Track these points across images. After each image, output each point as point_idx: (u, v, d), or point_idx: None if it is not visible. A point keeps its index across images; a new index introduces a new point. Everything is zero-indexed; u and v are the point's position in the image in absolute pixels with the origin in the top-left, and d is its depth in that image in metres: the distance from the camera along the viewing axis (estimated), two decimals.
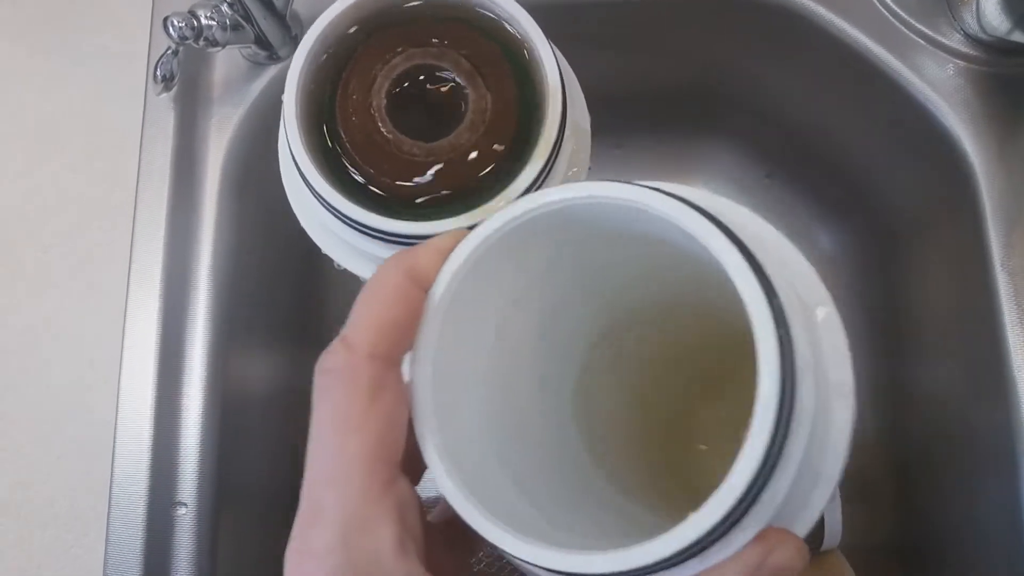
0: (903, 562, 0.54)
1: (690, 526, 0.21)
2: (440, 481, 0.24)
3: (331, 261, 0.37)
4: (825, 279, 0.26)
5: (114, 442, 0.46)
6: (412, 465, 0.25)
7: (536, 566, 0.22)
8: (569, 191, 0.25)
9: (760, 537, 0.22)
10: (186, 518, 0.46)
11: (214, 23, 0.44)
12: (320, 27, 0.34)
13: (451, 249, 0.26)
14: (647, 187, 0.24)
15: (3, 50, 0.54)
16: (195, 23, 0.43)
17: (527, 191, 0.32)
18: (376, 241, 0.33)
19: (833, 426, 0.24)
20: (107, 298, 0.48)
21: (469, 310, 0.26)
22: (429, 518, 0.26)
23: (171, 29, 0.42)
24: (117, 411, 0.46)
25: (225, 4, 0.44)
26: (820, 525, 0.52)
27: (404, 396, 0.24)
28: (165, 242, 0.48)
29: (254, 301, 0.54)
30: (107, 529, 0.45)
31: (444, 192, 0.33)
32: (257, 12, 0.45)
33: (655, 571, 0.21)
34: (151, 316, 0.47)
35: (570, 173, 0.35)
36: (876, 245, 0.59)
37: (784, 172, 0.65)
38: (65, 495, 0.46)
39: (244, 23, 0.45)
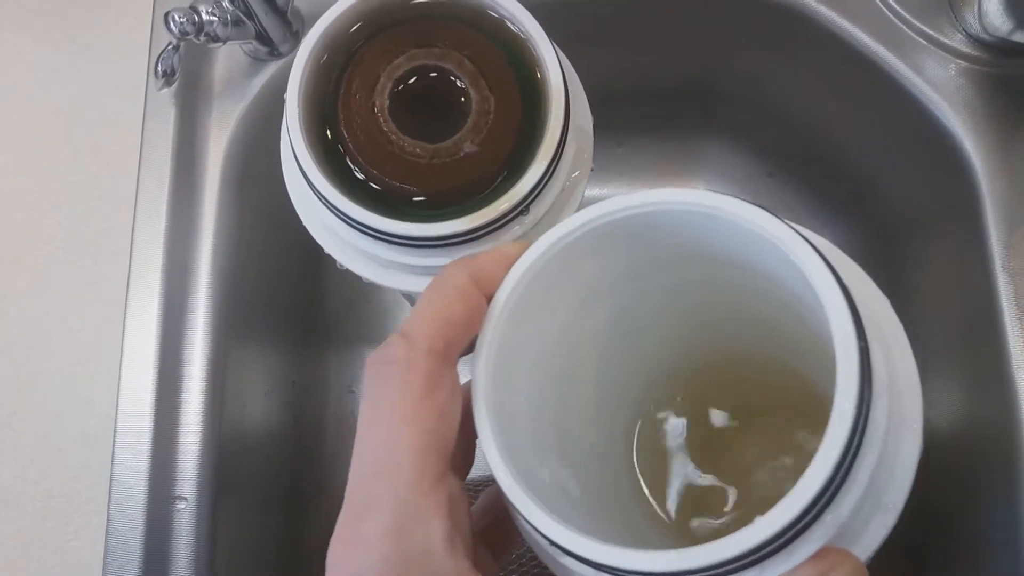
0: (906, 559, 0.54)
1: (756, 529, 0.20)
2: (501, 478, 0.23)
3: (332, 258, 0.37)
4: None
5: (114, 435, 0.46)
6: (458, 463, 0.25)
7: (596, 564, 0.22)
8: (639, 199, 0.25)
9: (820, 554, 0.21)
10: (185, 512, 0.46)
11: (215, 19, 0.44)
12: (323, 26, 0.34)
13: (517, 256, 0.26)
14: (722, 194, 0.24)
15: (6, 43, 0.54)
16: (196, 18, 0.43)
17: (530, 193, 0.32)
18: (378, 242, 0.33)
19: (900, 456, 0.24)
20: (108, 291, 0.48)
21: (532, 314, 0.26)
22: None
23: (172, 24, 0.42)
24: (117, 405, 0.46)
25: (226, 0, 0.44)
26: None
27: (458, 393, 0.25)
28: (165, 238, 0.48)
29: (254, 296, 0.54)
30: (107, 522, 0.45)
31: (447, 193, 0.33)
32: (258, 8, 0.45)
33: (715, 575, 0.21)
34: (151, 310, 0.47)
35: (573, 175, 0.35)
36: (877, 245, 0.60)
37: (785, 171, 0.65)
38: (65, 488, 0.46)
39: (245, 19, 0.45)
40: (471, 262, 0.26)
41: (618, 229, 0.26)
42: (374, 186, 0.33)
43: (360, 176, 0.33)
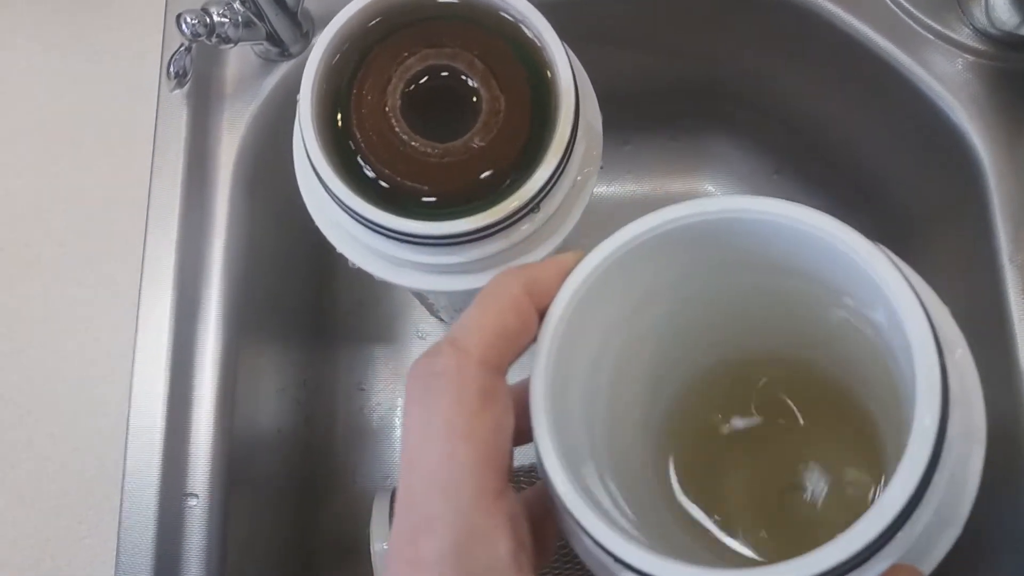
0: None
1: (836, 548, 0.20)
2: (564, 493, 0.23)
3: (344, 257, 0.37)
4: None
5: (127, 434, 0.46)
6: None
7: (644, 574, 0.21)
8: (699, 206, 0.25)
9: (891, 572, 0.21)
10: (197, 509, 0.46)
11: (226, 20, 0.44)
12: (335, 27, 0.34)
13: (572, 267, 0.25)
14: (790, 202, 0.24)
15: (18, 46, 0.54)
16: (208, 20, 0.43)
17: (540, 191, 0.33)
18: (390, 240, 0.33)
19: (969, 469, 0.23)
20: (121, 292, 0.49)
21: (588, 323, 0.26)
22: None
23: (184, 26, 0.43)
24: (130, 404, 0.46)
25: (237, 1, 0.45)
26: None
27: (511, 406, 0.24)
28: (178, 237, 0.48)
29: (266, 295, 0.54)
30: (119, 520, 0.45)
31: (458, 192, 0.33)
32: (269, 9, 0.45)
33: None
34: (164, 310, 0.48)
35: (583, 173, 0.35)
36: (884, 240, 0.59)
37: (792, 169, 0.65)
38: (78, 486, 0.47)
39: (256, 20, 0.46)
40: (525, 272, 0.25)
41: (677, 236, 0.25)
42: (385, 185, 0.33)
43: (372, 175, 0.33)
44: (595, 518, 0.22)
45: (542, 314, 0.25)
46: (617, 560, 0.22)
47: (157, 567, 0.45)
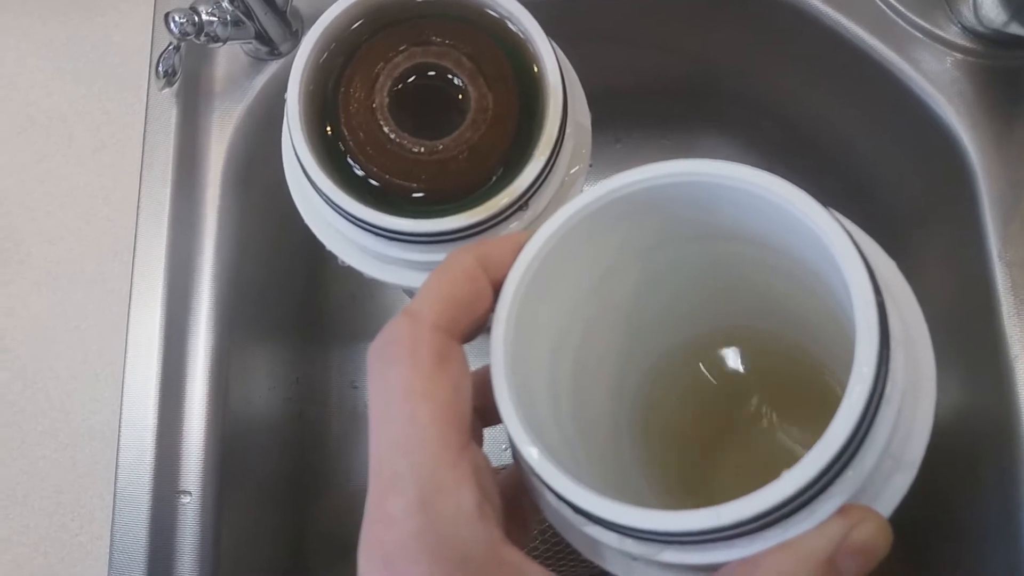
0: (903, 545, 0.55)
1: (780, 485, 0.20)
2: (524, 450, 0.23)
3: (335, 256, 0.37)
4: None
5: (119, 432, 0.46)
6: (474, 434, 0.25)
7: (622, 527, 0.22)
8: (656, 170, 0.25)
9: (843, 511, 0.21)
10: (190, 506, 0.46)
11: (215, 19, 0.44)
12: (323, 25, 0.34)
13: (523, 244, 0.26)
14: (756, 169, 0.24)
15: (7, 45, 0.54)
16: (196, 19, 0.43)
17: (529, 188, 0.33)
18: (379, 238, 0.33)
19: (918, 411, 0.24)
20: (113, 289, 0.49)
21: (550, 288, 0.26)
22: None
23: (172, 25, 0.43)
24: (122, 401, 0.46)
25: (226, 0, 0.45)
26: None
27: (467, 367, 0.24)
28: (168, 235, 0.48)
29: (257, 293, 0.54)
30: (112, 517, 0.45)
31: (446, 190, 0.33)
32: (257, 8, 0.45)
33: (741, 534, 0.21)
34: (155, 307, 0.48)
35: (572, 171, 0.35)
36: (875, 237, 0.59)
37: (783, 167, 0.64)
38: (71, 484, 0.47)
39: (245, 19, 0.46)
40: (478, 246, 0.26)
41: (635, 201, 0.25)
42: (374, 183, 0.33)
43: (360, 173, 0.33)
44: (556, 471, 0.23)
45: (498, 288, 0.25)
46: (577, 510, 0.23)
47: (150, 564, 0.45)
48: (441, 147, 0.33)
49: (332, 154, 0.34)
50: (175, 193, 0.49)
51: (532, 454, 0.23)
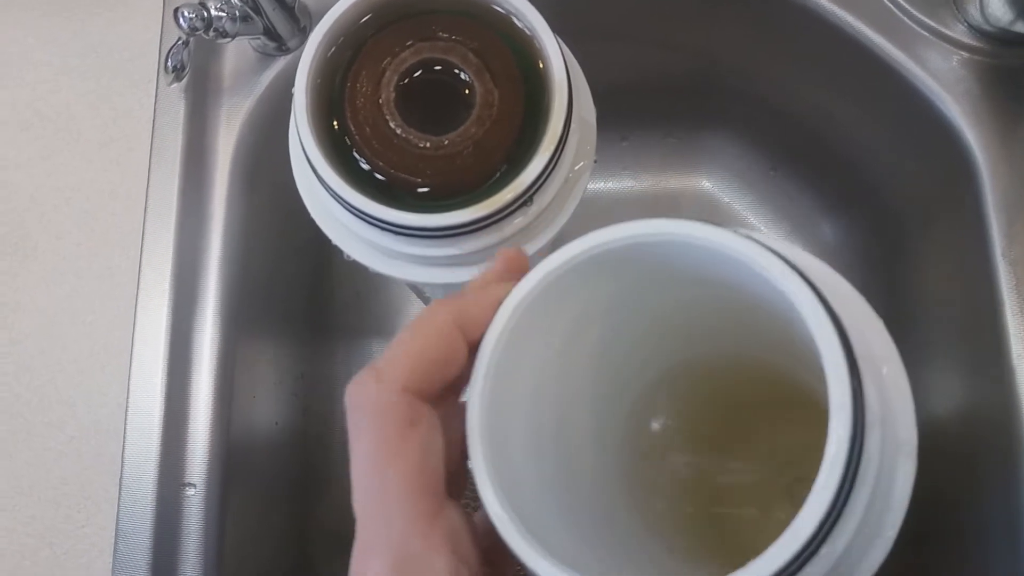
0: (906, 547, 0.55)
1: (750, 571, 0.20)
2: (492, 511, 0.23)
3: (341, 251, 0.38)
4: None
5: (125, 424, 0.46)
6: (453, 482, 0.25)
7: None
8: (634, 228, 0.25)
9: None
10: (195, 499, 0.46)
11: (224, 14, 0.44)
12: (330, 20, 0.34)
13: (502, 298, 0.25)
14: (719, 228, 0.24)
15: (16, 39, 0.55)
16: (205, 14, 0.43)
17: (534, 183, 0.33)
18: (384, 232, 0.34)
19: (896, 482, 0.23)
20: (120, 283, 0.49)
21: (526, 345, 0.26)
22: None
23: (181, 20, 0.43)
24: (128, 394, 0.47)
25: None
26: None
27: (437, 425, 0.24)
28: (176, 229, 0.49)
29: (263, 287, 0.54)
30: (117, 509, 0.45)
31: (452, 184, 0.33)
32: (266, 4, 0.45)
33: None
34: (162, 301, 0.48)
35: (576, 167, 0.35)
36: (879, 235, 0.60)
37: (789, 165, 0.65)
38: (77, 476, 0.47)
39: (253, 14, 0.46)
40: (455, 303, 0.25)
41: (606, 260, 0.25)
42: (380, 177, 0.33)
43: (366, 167, 0.34)
44: (529, 549, 0.22)
45: (474, 346, 0.25)
46: None
47: (155, 556, 0.45)
48: (447, 142, 0.33)
49: (338, 148, 0.34)
50: (183, 188, 0.49)
51: (504, 523, 0.23)
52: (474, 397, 0.25)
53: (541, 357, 0.27)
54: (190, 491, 0.46)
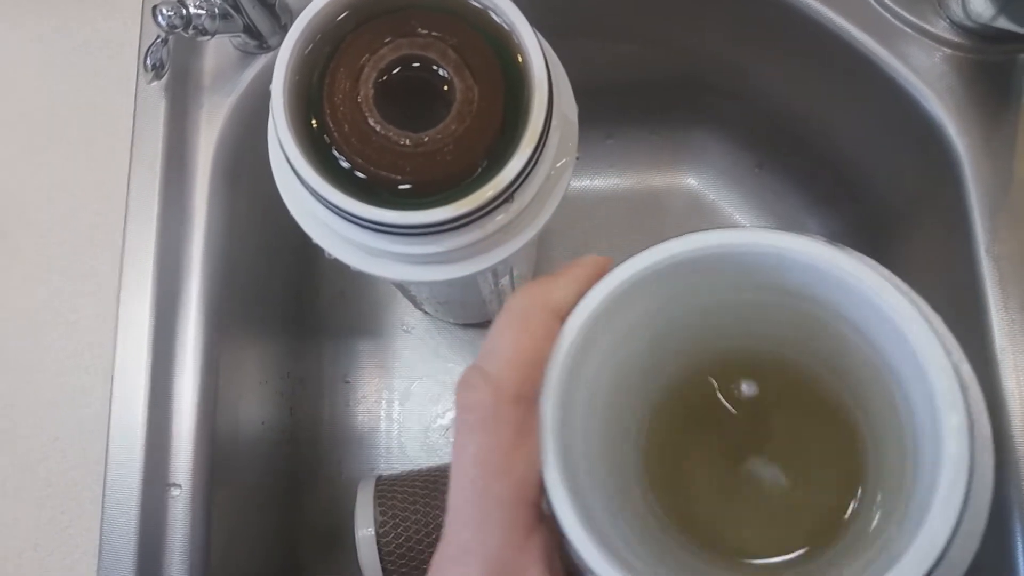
0: None
1: None
2: (583, 549, 0.22)
3: (323, 249, 0.37)
4: None
5: (109, 424, 0.46)
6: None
7: None
8: (722, 238, 0.24)
9: None
10: (180, 499, 0.46)
11: (203, 12, 0.44)
12: (308, 16, 0.34)
13: (588, 279, 0.25)
14: (813, 240, 0.24)
15: None
16: (184, 12, 0.43)
17: (515, 181, 0.33)
18: (365, 230, 0.33)
19: (982, 483, 0.24)
20: (103, 283, 0.49)
21: (590, 349, 0.25)
22: None
23: (160, 18, 0.42)
24: (112, 394, 0.46)
25: None
26: None
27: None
28: (158, 228, 0.48)
29: (247, 286, 0.54)
30: (102, 510, 0.45)
31: (432, 182, 0.33)
32: (246, 1, 0.45)
33: None
34: (144, 301, 0.48)
35: (558, 164, 0.35)
36: (864, 232, 0.60)
37: (774, 162, 0.65)
38: (61, 476, 0.47)
39: (233, 12, 0.45)
40: (552, 295, 0.24)
41: (688, 265, 0.25)
42: (360, 175, 0.33)
43: (346, 165, 0.33)
44: (600, 556, 0.22)
45: None
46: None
47: (140, 556, 0.45)
48: (427, 139, 0.33)
49: (317, 146, 0.34)
50: (164, 186, 0.49)
51: (584, 548, 0.22)
52: (548, 399, 0.24)
53: (599, 357, 0.27)
54: (175, 491, 0.46)
